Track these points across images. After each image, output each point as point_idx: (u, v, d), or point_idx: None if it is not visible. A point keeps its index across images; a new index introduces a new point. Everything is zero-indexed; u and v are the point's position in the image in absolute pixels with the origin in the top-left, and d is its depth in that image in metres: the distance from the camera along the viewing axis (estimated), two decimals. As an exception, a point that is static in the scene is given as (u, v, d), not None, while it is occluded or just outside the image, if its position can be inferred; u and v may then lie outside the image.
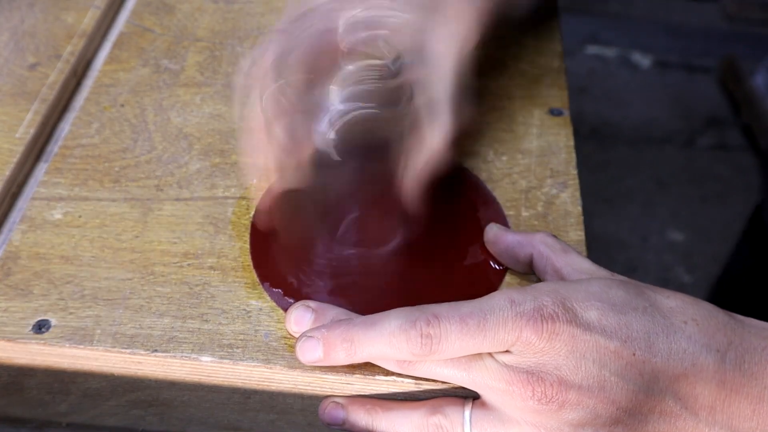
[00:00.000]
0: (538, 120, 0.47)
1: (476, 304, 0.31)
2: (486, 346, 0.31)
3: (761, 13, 1.93)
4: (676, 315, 0.31)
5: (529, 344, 0.30)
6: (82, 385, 0.37)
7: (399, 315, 0.32)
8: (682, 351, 0.30)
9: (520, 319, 0.30)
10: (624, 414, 0.30)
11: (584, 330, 0.30)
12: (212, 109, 0.47)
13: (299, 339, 0.34)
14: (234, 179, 0.43)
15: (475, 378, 0.32)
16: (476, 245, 0.39)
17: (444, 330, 0.31)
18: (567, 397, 0.30)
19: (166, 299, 0.37)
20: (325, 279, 0.38)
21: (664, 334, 0.30)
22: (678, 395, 0.30)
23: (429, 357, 0.31)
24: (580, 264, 0.36)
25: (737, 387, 0.30)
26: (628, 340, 0.30)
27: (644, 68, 1.93)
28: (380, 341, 0.32)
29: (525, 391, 0.30)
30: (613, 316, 0.31)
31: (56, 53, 0.49)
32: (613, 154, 1.69)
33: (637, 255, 1.51)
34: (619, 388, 0.30)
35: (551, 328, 0.30)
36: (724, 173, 1.66)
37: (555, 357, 0.30)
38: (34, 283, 0.37)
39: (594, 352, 0.30)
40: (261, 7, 0.55)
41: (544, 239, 0.37)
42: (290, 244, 0.39)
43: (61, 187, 0.42)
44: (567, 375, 0.30)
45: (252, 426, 0.39)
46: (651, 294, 0.32)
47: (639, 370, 0.30)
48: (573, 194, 0.43)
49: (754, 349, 0.31)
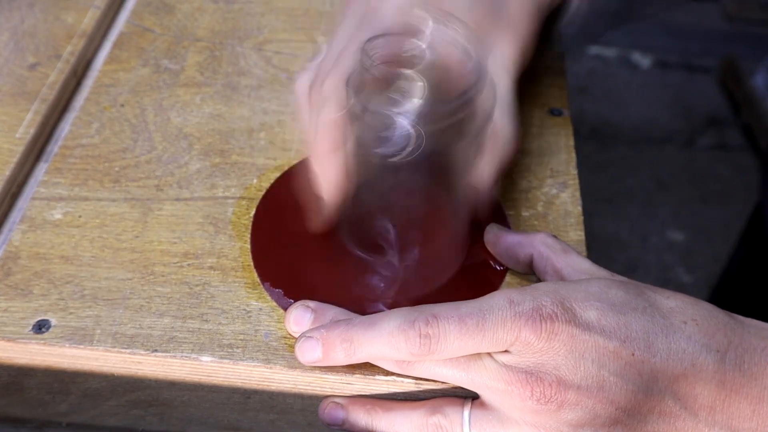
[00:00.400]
0: (538, 120, 0.47)
1: (475, 304, 0.31)
2: (485, 346, 0.31)
3: (761, 13, 1.92)
4: (675, 315, 0.31)
5: (528, 344, 0.30)
6: (82, 385, 0.37)
7: (398, 315, 0.32)
8: (682, 351, 0.30)
9: (518, 319, 0.30)
10: (623, 414, 0.30)
11: (583, 330, 0.30)
12: (212, 109, 0.47)
13: (298, 339, 0.34)
14: (234, 179, 0.43)
15: (474, 378, 0.32)
16: (476, 246, 0.39)
17: (443, 330, 0.31)
18: (566, 397, 0.30)
19: (166, 299, 0.37)
20: (325, 279, 0.38)
21: (663, 334, 0.30)
22: (677, 395, 0.30)
23: (428, 357, 0.31)
24: (581, 264, 0.36)
25: (737, 387, 0.30)
26: (627, 340, 0.30)
27: (644, 68, 1.93)
28: (379, 341, 0.32)
29: (524, 391, 0.30)
30: (612, 316, 0.31)
31: (56, 53, 0.49)
32: (613, 154, 1.69)
33: (637, 255, 1.51)
34: (618, 388, 0.30)
35: (550, 328, 0.30)
36: (724, 173, 1.66)
37: (554, 357, 0.30)
38: (34, 283, 0.37)
39: (593, 352, 0.30)
40: (261, 7, 0.55)
41: (544, 239, 0.37)
42: (291, 244, 0.39)
43: (61, 187, 0.42)
44: (566, 375, 0.30)
45: (252, 426, 0.39)
46: (651, 294, 0.32)
47: (638, 370, 0.30)
48: (573, 194, 0.43)
49: (754, 350, 0.31)
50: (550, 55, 0.51)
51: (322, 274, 0.38)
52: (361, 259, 0.38)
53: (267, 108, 0.47)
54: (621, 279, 0.34)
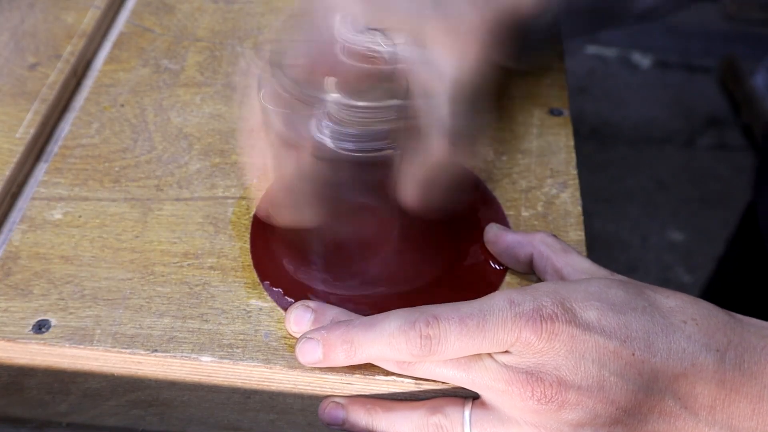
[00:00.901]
0: (538, 120, 0.47)
1: (476, 304, 0.31)
2: (485, 346, 0.31)
3: (761, 13, 1.93)
4: (675, 314, 0.31)
5: (528, 344, 0.30)
6: (82, 385, 0.37)
7: (398, 316, 0.32)
8: (682, 350, 0.30)
9: (519, 320, 0.30)
10: (623, 414, 0.30)
11: (583, 330, 0.30)
12: (212, 109, 0.47)
13: (299, 340, 0.34)
14: (234, 179, 0.43)
15: (475, 378, 0.32)
16: (476, 245, 0.39)
17: (443, 331, 0.31)
18: (566, 398, 0.30)
19: (166, 299, 0.37)
20: (324, 278, 0.38)
21: (663, 333, 0.30)
22: (677, 395, 0.30)
23: (428, 358, 0.31)
24: (581, 264, 0.36)
25: (737, 386, 0.30)
26: (627, 340, 0.30)
27: (644, 68, 1.93)
28: (380, 342, 0.32)
29: (524, 392, 0.30)
30: (612, 316, 0.31)
31: (56, 53, 0.49)
32: (613, 154, 1.69)
33: (637, 255, 1.51)
34: (619, 387, 0.30)
35: (550, 329, 0.30)
36: (724, 173, 1.66)
37: (554, 357, 0.30)
38: (34, 283, 0.37)
39: (593, 352, 0.30)
40: (261, 7, 0.55)
41: (544, 239, 0.37)
42: (291, 243, 0.39)
43: (61, 187, 0.42)
44: (566, 375, 0.30)
45: (252, 426, 0.39)
46: (650, 294, 0.32)
47: (638, 370, 0.30)
48: (573, 194, 0.43)
49: (754, 349, 0.31)
50: (549, 55, 0.51)
51: (321, 273, 0.39)
52: (359, 256, 0.39)
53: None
54: (621, 278, 0.34)
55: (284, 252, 0.39)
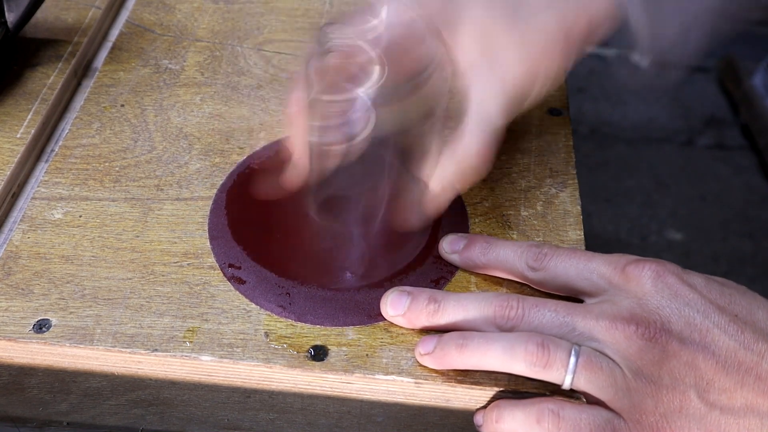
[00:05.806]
0: (537, 119, 0.47)
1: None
2: (591, 267, 0.34)
3: (761, 13, 1.92)
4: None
5: (631, 279, 0.33)
6: (82, 384, 0.37)
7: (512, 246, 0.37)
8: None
9: (623, 259, 0.34)
10: (722, 370, 0.31)
11: (689, 288, 0.32)
12: (212, 109, 0.47)
13: (389, 293, 0.36)
14: (234, 179, 0.43)
15: (578, 323, 0.33)
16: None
17: (553, 249, 0.35)
18: (669, 340, 0.31)
19: (166, 299, 0.37)
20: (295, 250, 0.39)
21: (765, 309, 0.32)
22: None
23: (545, 266, 0.35)
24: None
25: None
26: (731, 304, 0.32)
27: (644, 68, 1.92)
28: (510, 249, 0.37)
29: (628, 328, 0.31)
30: (716, 286, 0.33)
31: (56, 53, 0.49)
32: (612, 154, 1.69)
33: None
34: (721, 342, 0.31)
35: (656, 269, 0.33)
36: (723, 173, 1.66)
37: (659, 299, 0.32)
38: (34, 282, 0.37)
39: (698, 303, 0.32)
40: (261, 7, 0.55)
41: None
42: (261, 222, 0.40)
43: (61, 186, 0.42)
44: (669, 316, 0.31)
45: (252, 425, 0.39)
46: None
47: (740, 328, 0.31)
48: (572, 194, 0.43)
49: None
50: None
51: (292, 245, 0.39)
52: (330, 230, 0.39)
53: (267, 108, 0.47)
54: None
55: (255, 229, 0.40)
